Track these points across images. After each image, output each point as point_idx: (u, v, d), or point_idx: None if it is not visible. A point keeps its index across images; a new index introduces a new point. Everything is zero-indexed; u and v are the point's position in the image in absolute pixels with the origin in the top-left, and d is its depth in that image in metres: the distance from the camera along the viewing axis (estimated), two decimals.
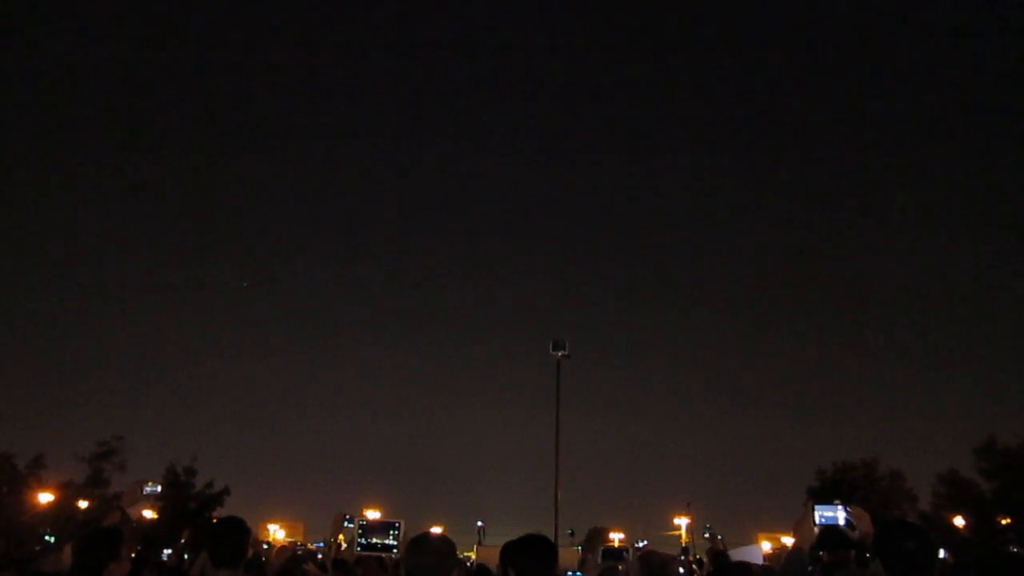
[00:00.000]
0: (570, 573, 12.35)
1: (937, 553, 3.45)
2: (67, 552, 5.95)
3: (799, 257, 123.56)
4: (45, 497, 39.42)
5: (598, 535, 63.77)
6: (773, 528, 48.10)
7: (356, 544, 7.33)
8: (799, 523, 4.14)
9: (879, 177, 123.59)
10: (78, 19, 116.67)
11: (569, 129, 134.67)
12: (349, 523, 7.42)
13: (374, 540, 7.28)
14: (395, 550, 7.21)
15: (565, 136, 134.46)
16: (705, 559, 11.18)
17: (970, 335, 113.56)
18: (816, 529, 4.07)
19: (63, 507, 40.48)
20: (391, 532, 7.34)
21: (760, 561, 11.37)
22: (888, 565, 3.35)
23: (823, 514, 4.08)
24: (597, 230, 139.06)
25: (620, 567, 7.27)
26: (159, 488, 5.46)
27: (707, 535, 9.78)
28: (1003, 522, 39.53)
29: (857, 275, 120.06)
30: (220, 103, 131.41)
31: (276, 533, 55.89)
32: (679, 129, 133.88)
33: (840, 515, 4.02)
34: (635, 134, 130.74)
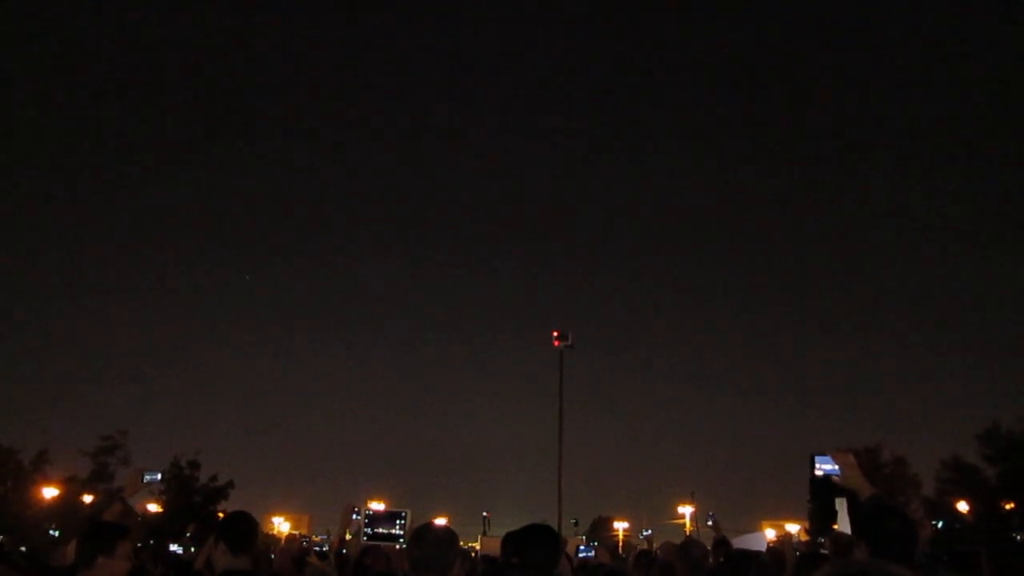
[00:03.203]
0: (583, 548, 12.45)
1: (917, 535, 3.48)
2: (72, 547, 5.96)
3: (802, 245, 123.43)
4: (49, 492, 39.46)
5: (602, 524, 63.95)
6: (777, 515, 48.29)
7: (362, 534, 7.31)
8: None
9: (882, 166, 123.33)
10: (80, 19, 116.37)
11: (570, 121, 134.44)
12: (355, 516, 7.40)
13: (380, 530, 7.27)
14: (402, 539, 7.17)
15: (566, 128, 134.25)
16: (710, 547, 11.19)
17: (973, 321, 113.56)
18: (837, 477, 4.07)
19: (68, 502, 40.56)
20: (397, 522, 7.32)
21: (764, 548, 11.39)
22: (871, 546, 3.37)
23: (823, 466, 4.13)
24: (599, 222, 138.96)
25: None
26: (159, 476, 5.37)
27: (710, 523, 9.79)
28: (1007, 507, 39.55)
29: (859, 263, 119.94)
30: (224, 98, 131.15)
31: (281, 526, 56.11)
32: (679, 121, 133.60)
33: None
34: (636, 125, 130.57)
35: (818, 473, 4.13)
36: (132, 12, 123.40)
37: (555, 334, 20.99)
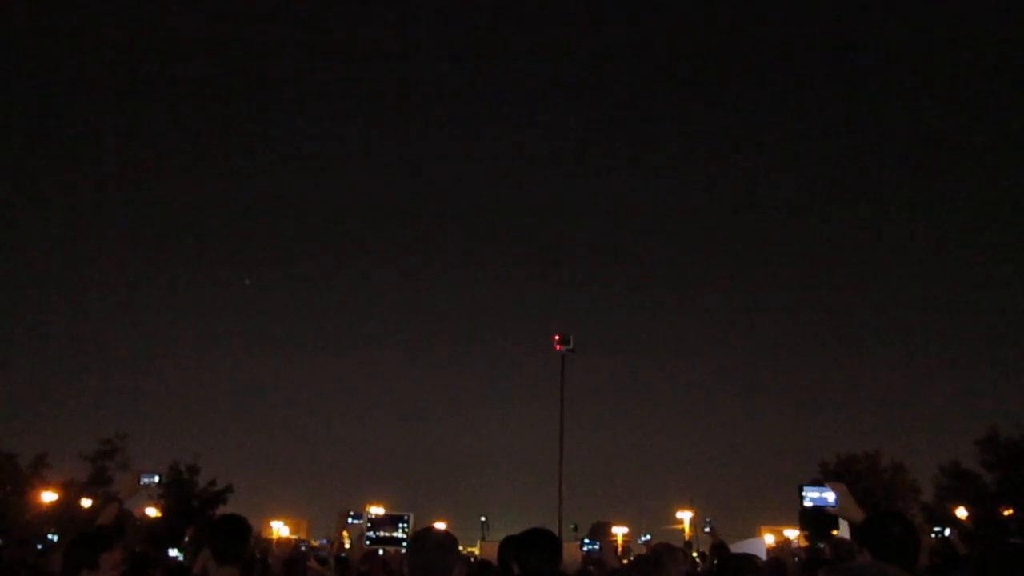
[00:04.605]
0: (588, 541, 12.56)
1: (919, 541, 3.49)
2: None
3: (802, 251, 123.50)
4: (48, 496, 39.42)
5: (601, 529, 63.78)
6: (776, 521, 48.22)
7: (365, 538, 7.28)
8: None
9: (883, 170, 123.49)
10: (79, 19, 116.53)
11: (569, 125, 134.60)
12: (356, 519, 7.36)
13: (383, 533, 7.23)
14: (404, 543, 7.13)
15: (566, 132, 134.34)
16: (708, 553, 11.19)
17: (972, 327, 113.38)
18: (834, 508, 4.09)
19: (66, 506, 40.50)
20: (400, 525, 7.28)
21: (763, 554, 11.38)
22: (875, 553, 3.38)
23: (811, 495, 4.13)
24: (599, 226, 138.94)
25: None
26: (156, 478, 5.28)
27: (707, 529, 9.78)
28: (1005, 513, 39.55)
29: (858, 268, 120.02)
30: (225, 100, 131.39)
31: (280, 530, 55.99)
32: (679, 124, 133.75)
33: (829, 496, 4.06)
34: (636, 129, 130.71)
35: (807, 504, 4.14)
36: (133, 12, 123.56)
37: (556, 338, 20.96)
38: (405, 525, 7.18)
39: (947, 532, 29.95)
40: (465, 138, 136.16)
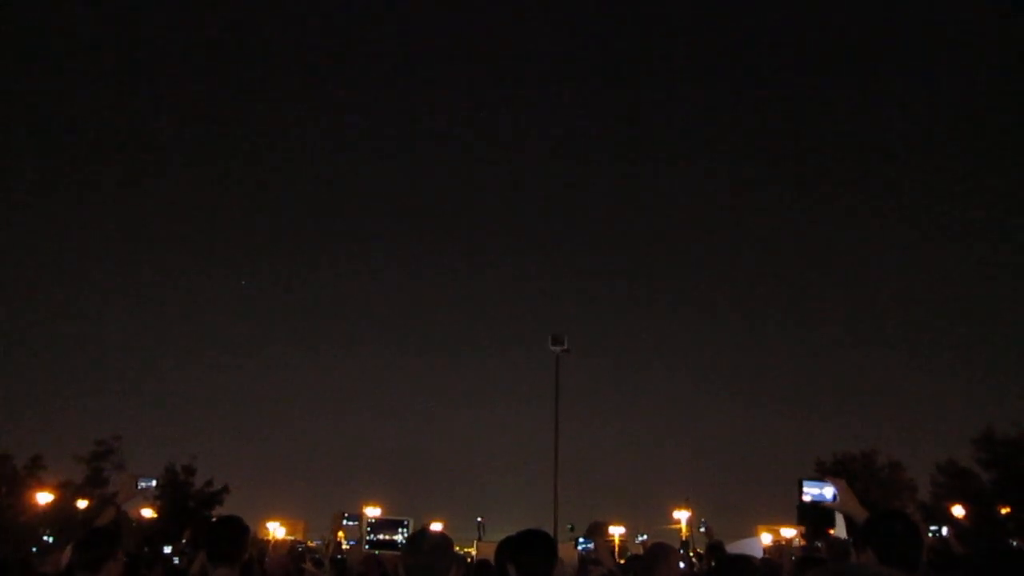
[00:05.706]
0: (583, 540, 12.62)
1: (923, 540, 3.49)
2: (67, 552, 5.94)
3: (797, 249, 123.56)
4: (44, 497, 39.35)
5: (598, 529, 63.74)
6: (773, 521, 48.26)
7: (364, 541, 7.29)
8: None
9: (878, 169, 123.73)
10: (80, 17, 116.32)
11: (566, 124, 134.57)
12: (351, 521, 7.39)
13: (382, 536, 7.25)
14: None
15: (562, 132, 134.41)
16: (704, 552, 11.23)
17: (969, 326, 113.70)
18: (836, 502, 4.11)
19: (62, 507, 40.43)
20: (399, 529, 7.31)
21: (760, 554, 11.39)
22: (879, 551, 3.38)
23: (810, 491, 4.14)
24: (596, 226, 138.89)
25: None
26: (154, 482, 5.37)
27: (702, 529, 9.80)
28: (1002, 511, 39.64)
29: (855, 267, 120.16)
30: (221, 99, 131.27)
31: (276, 531, 55.97)
32: (675, 124, 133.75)
33: (828, 491, 4.07)
34: (632, 129, 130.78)
35: (806, 498, 4.15)
36: (130, 12, 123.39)
37: (551, 339, 21.01)
38: (405, 530, 7.19)
39: (944, 531, 30.08)
40: (461, 136, 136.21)
